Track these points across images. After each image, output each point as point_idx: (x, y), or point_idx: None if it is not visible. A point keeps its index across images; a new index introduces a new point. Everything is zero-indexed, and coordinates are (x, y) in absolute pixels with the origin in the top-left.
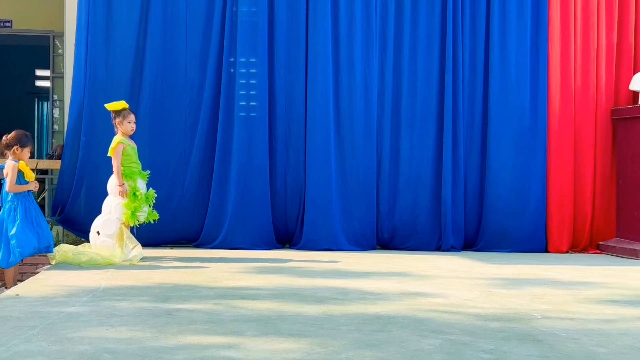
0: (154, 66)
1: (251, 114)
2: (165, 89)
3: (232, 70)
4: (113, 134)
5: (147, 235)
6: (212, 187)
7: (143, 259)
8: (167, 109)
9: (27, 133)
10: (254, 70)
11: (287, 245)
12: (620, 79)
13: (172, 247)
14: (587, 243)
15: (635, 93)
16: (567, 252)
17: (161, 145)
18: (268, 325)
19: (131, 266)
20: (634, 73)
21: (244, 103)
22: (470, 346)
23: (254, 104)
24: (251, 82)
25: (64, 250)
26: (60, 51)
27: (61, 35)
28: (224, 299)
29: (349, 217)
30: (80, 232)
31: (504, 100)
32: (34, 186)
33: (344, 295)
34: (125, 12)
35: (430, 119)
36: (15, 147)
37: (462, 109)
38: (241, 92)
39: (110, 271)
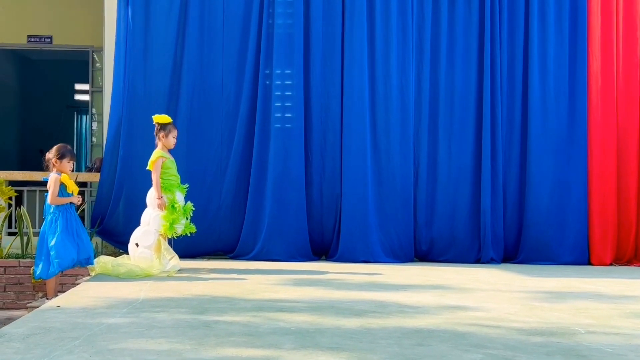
0: (191, 79)
1: (287, 125)
2: (202, 102)
3: (267, 82)
4: (151, 146)
5: (184, 247)
6: (249, 198)
7: (180, 270)
8: (204, 122)
9: (67, 145)
10: (289, 82)
11: (324, 257)
12: None
13: (208, 259)
14: (632, 255)
15: None
16: (610, 264)
17: (198, 157)
18: (306, 338)
19: (169, 277)
20: None
21: (279, 115)
22: None
23: (289, 115)
24: (287, 93)
25: (103, 262)
26: (98, 65)
27: (100, 50)
28: (262, 311)
29: (386, 229)
30: (118, 243)
31: (544, 110)
32: (77, 200)
33: (382, 309)
34: (163, 27)
35: (468, 129)
36: (53, 160)
37: (501, 119)
38: (277, 104)
39: (149, 283)
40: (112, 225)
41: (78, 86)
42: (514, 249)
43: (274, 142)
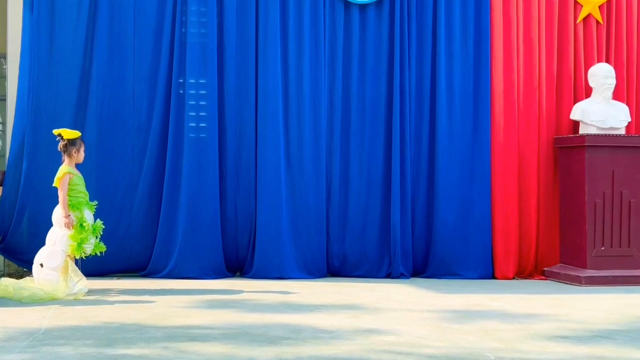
0: (100, 91)
1: (201, 135)
2: (112, 115)
3: (181, 92)
4: (57, 160)
5: (93, 265)
6: (161, 215)
7: (89, 291)
8: (114, 135)
9: None
10: (203, 92)
11: (238, 274)
12: (561, 107)
13: (118, 278)
14: (533, 269)
15: (576, 122)
16: (513, 278)
17: (108, 172)
18: None
19: (75, 301)
20: (574, 102)
21: (193, 124)
22: None
23: (204, 125)
24: (201, 103)
25: (5, 285)
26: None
27: (4, 56)
28: (173, 341)
29: (300, 245)
30: (22, 262)
31: (450, 128)
32: None
33: (296, 334)
34: (70, 37)
35: (379, 146)
36: None
37: (409, 137)
38: (191, 114)
39: (53, 308)
40: (15, 243)
41: None
42: (422, 264)
43: (187, 157)
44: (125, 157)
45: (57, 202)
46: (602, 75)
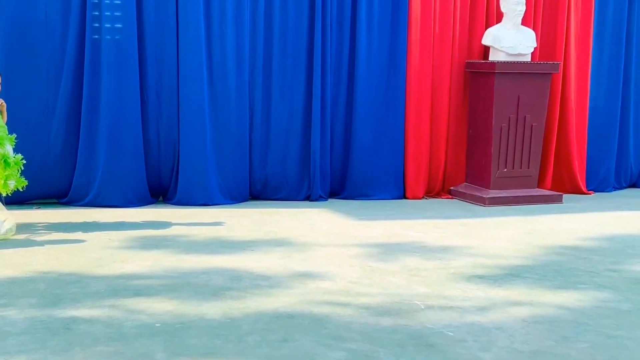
0: (9, 12)
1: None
2: (23, 38)
3: (96, 13)
4: None
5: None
6: (80, 141)
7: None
8: (26, 60)
9: None
10: (120, 14)
11: (161, 199)
12: (474, 32)
13: (38, 207)
14: (440, 188)
15: (487, 48)
16: (423, 197)
17: (21, 99)
18: (175, 340)
19: (4, 243)
20: (487, 27)
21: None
22: (373, 358)
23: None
24: (117, 25)
25: None
26: None
27: None
28: (119, 298)
29: (223, 171)
30: None
31: (368, 56)
32: None
33: (237, 282)
34: None
35: (300, 73)
36: None
37: (330, 65)
38: (107, 37)
39: None
40: None
41: None
42: (339, 186)
43: (106, 82)
44: (40, 82)
45: None
46: (513, 2)
